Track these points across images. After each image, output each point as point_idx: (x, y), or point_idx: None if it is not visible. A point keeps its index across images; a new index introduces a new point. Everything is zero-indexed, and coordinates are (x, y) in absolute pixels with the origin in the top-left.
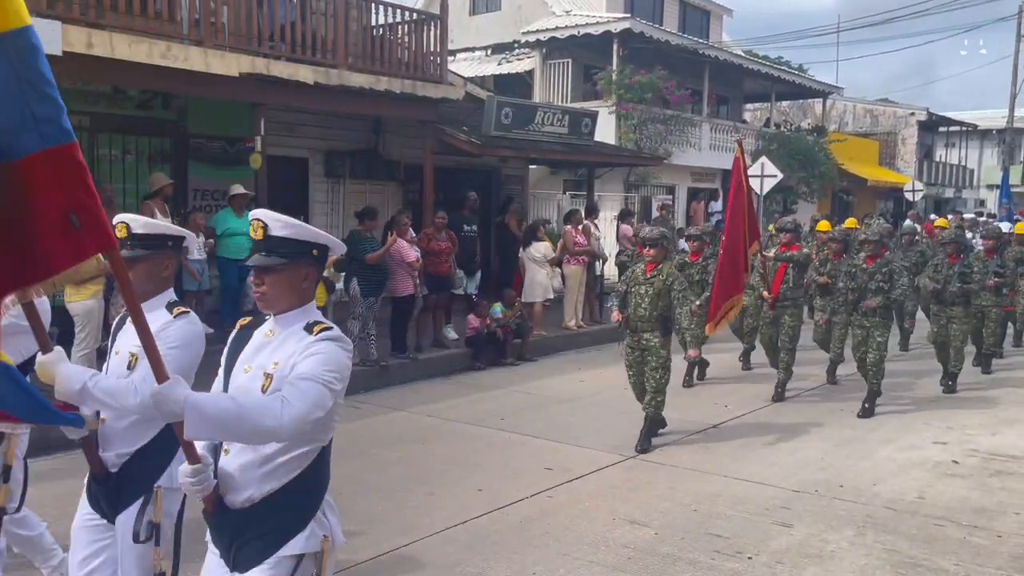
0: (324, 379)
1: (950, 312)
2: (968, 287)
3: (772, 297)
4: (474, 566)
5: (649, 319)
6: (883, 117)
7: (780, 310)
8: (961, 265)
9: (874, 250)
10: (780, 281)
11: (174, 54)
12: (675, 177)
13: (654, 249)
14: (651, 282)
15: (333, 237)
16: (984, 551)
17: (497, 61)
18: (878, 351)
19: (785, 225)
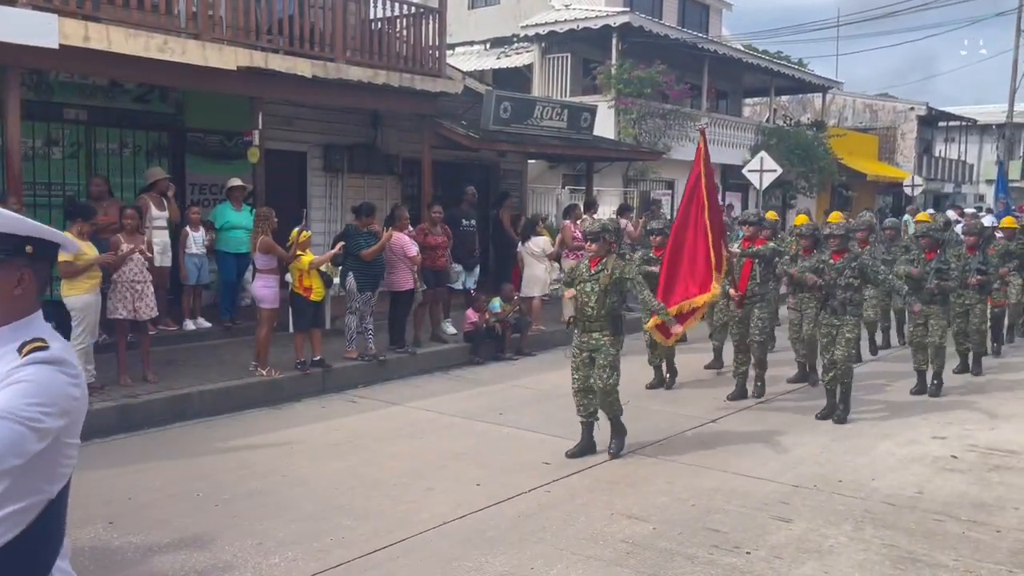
0: (23, 415)
1: (928, 310)
2: (945, 284)
3: (739, 295)
4: (472, 560)
5: (598, 318)
6: (882, 112)
7: (748, 307)
8: (938, 261)
9: (840, 245)
10: (747, 278)
11: (171, 47)
12: (674, 172)
13: (596, 243)
14: (596, 278)
15: (54, 230)
16: (983, 546)
17: (496, 55)
18: (847, 348)
19: (748, 218)
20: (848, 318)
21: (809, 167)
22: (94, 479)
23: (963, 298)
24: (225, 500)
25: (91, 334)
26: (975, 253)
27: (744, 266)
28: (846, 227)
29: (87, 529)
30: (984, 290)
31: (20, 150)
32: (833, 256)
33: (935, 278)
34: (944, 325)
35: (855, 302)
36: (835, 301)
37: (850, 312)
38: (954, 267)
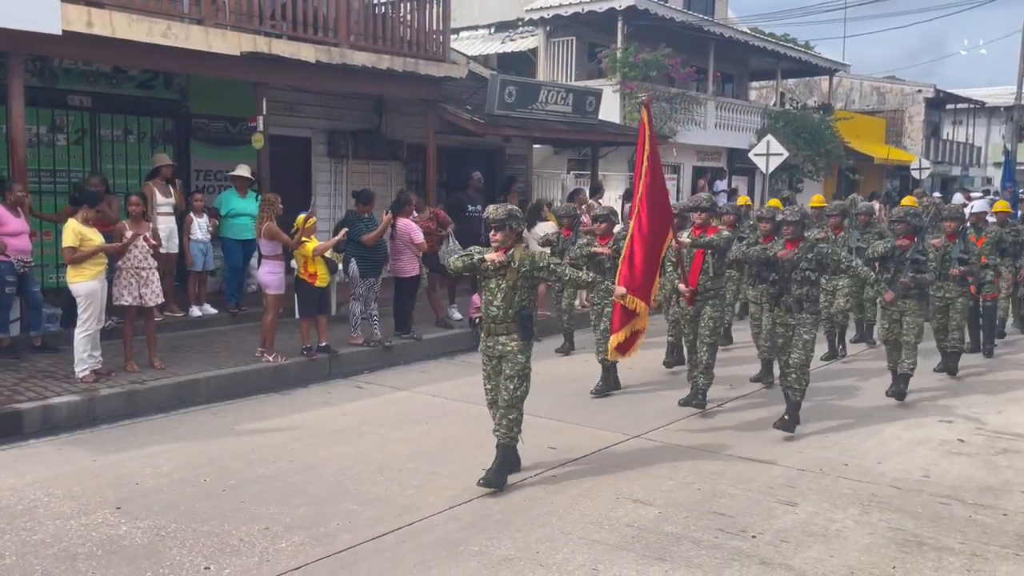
0: None
1: (902, 305)
2: (921, 277)
3: (690, 290)
4: (478, 544)
5: (504, 319)
6: (890, 94)
7: (700, 304)
8: (914, 251)
9: (795, 233)
10: (698, 271)
11: (174, 33)
12: (680, 156)
13: (500, 232)
14: (502, 273)
15: None
16: (990, 529)
17: (500, 39)
18: (804, 351)
19: (699, 203)
20: (805, 317)
21: (816, 151)
22: (102, 465)
23: (943, 291)
24: (232, 485)
25: (97, 320)
26: (955, 241)
27: (695, 258)
28: (801, 212)
29: (95, 514)
30: (966, 282)
31: (25, 137)
32: (787, 245)
33: (911, 269)
34: (920, 323)
35: (812, 298)
36: (789, 297)
37: (807, 309)
38: (932, 257)
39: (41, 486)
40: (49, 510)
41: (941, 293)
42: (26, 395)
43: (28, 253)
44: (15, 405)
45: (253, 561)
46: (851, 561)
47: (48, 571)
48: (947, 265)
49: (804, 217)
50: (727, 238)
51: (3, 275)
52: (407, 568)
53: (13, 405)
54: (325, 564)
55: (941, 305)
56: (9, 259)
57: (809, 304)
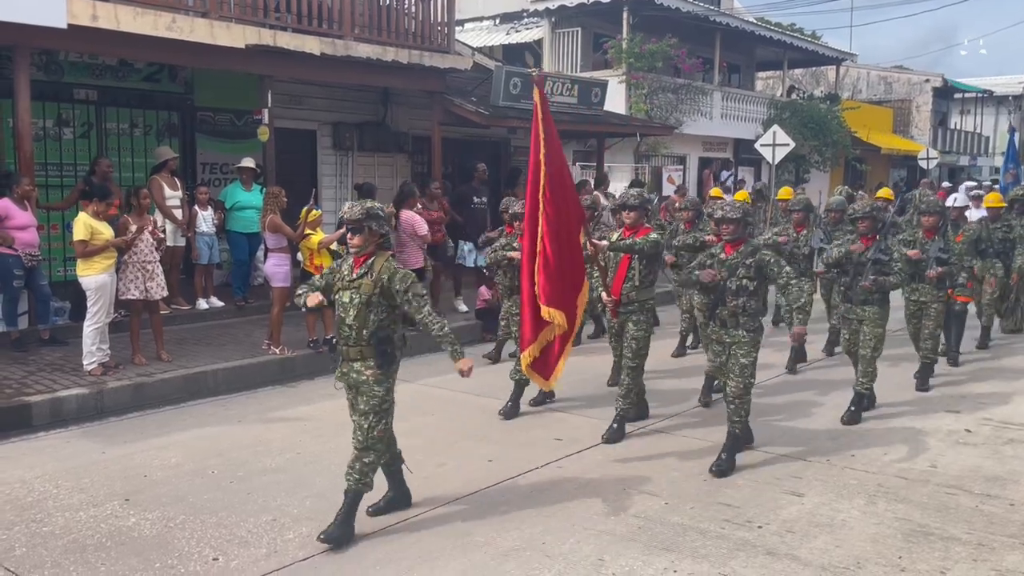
0: None
1: (861, 313)
2: (884, 280)
3: (612, 300)
4: (484, 536)
5: (357, 341)
6: (897, 84)
7: (624, 317)
8: (877, 250)
9: (735, 233)
10: (622, 279)
11: (179, 26)
12: (686, 147)
13: (358, 235)
14: (357, 286)
15: None
16: (997, 519)
17: (505, 30)
18: (741, 378)
19: (627, 200)
20: (741, 335)
21: (823, 141)
22: (110, 457)
23: (918, 293)
24: (240, 477)
25: (106, 313)
26: (934, 238)
27: (620, 264)
28: (743, 208)
29: (104, 506)
30: (944, 285)
31: (31, 131)
32: (725, 248)
33: (872, 271)
34: (879, 333)
35: (750, 311)
36: (724, 310)
37: (744, 325)
38: (896, 258)
39: (50, 478)
40: (58, 502)
41: (916, 296)
42: (35, 388)
43: (36, 246)
44: (24, 398)
45: (261, 552)
46: (857, 551)
47: (58, 562)
48: (923, 266)
49: (746, 215)
50: (654, 242)
51: (11, 268)
52: (413, 559)
53: (22, 398)
54: (332, 555)
55: (915, 309)
56: (17, 252)
57: (747, 319)
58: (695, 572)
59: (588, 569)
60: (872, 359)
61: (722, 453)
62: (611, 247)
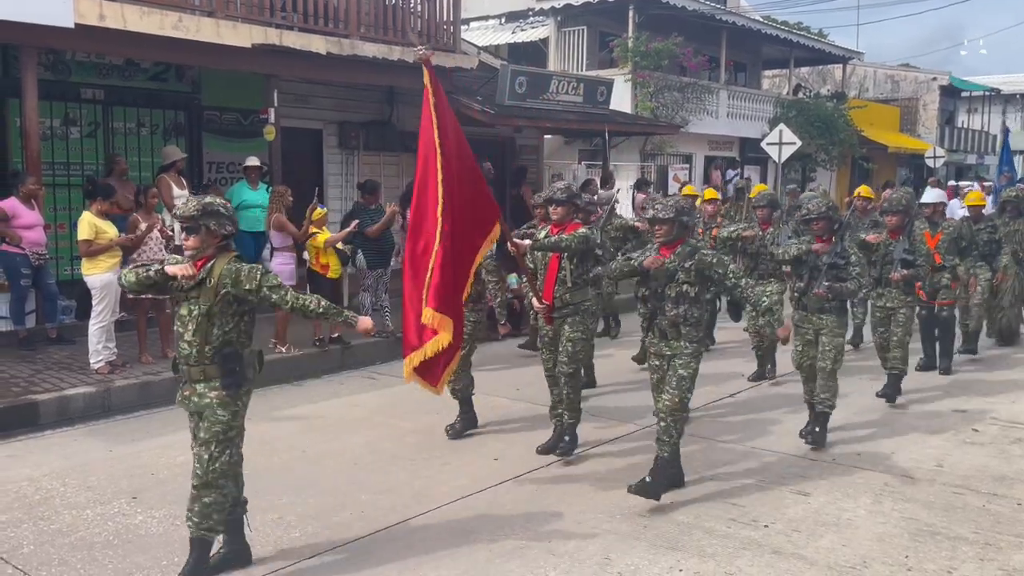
0: None
1: (818, 322)
2: (840, 286)
3: (544, 306)
4: (489, 534)
5: (199, 359)
6: (904, 82)
7: (558, 323)
8: (833, 254)
9: (669, 235)
10: (553, 281)
11: (186, 25)
12: (692, 145)
13: (195, 236)
14: (195, 295)
15: None
16: (1004, 519)
17: (511, 29)
18: (678, 391)
19: (553, 195)
20: (682, 346)
21: (829, 140)
22: (117, 455)
23: (884, 299)
24: (245, 475)
25: (111, 312)
26: (899, 238)
27: (549, 264)
28: (678, 207)
29: (111, 504)
30: (911, 288)
31: (38, 130)
32: (661, 251)
33: (826, 277)
34: (839, 344)
35: (691, 320)
36: (664, 319)
37: (686, 336)
38: (855, 261)
39: (57, 476)
40: (66, 500)
41: (882, 302)
42: (42, 386)
43: (43, 245)
44: (31, 396)
45: (267, 550)
46: (863, 551)
47: (65, 560)
48: (888, 268)
49: (681, 213)
50: (582, 238)
51: (18, 267)
52: (419, 557)
53: (29, 396)
54: (338, 553)
55: (882, 316)
56: (24, 251)
57: (689, 329)
58: (701, 571)
59: (593, 568)
60: (833, 372)
61: (648, 475)
62: (535, 246)
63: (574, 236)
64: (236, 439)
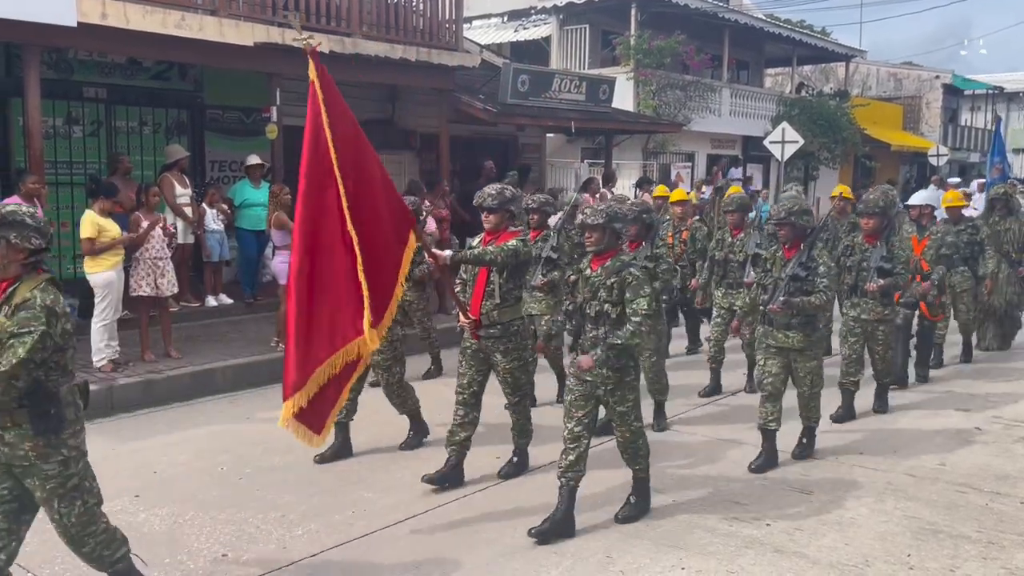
0: None
1: (782, 339)
2: (799, 301)
3: (472, 322)
4: (493, 531)
5: (3, 404)
6: (907, 81)
7: (489, 344)
8: (797, 263)
9: (599, 244)
10: (481, 295)
11: (188, 24)
12: (694, 144)
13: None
14: None
15: None
16: (1007, 518)
17: (513, 28)
18: (624, 426)
19: (483, 200)
20: (605, 373)
21: (832, 138)
22: (120, 453)
23: (858, 309)
24: (248, 474)
25: (114, 310)
26: (876, 243)
27: (478, 277)
28: (608, 212)
29: (114, 502)
30: (890, 299)
31: (41, 129)
32: (592, 263)
33: (784, 291)
34: (814, 367)
35: (622, 345)
36: (585, 340)
37: (608, 363)
38: (823, 271)
39: None
40: None
41: (855, 312)
42: None
43: None
44: None
45: (270, 548)
46: (865, 549)
47: (68, 558)
48: (864, 276)
49: (613, 220)
50: (510, 252)
51: None
52: (421, 555)
53: None
54: (340, 551)
55: (855, 328)
56: None
57: (617, 353)
58: (703, 569)
59: (596, 566)
60: (812, 397)
61: (631, 497)
62: (455, 259)
63: (501, 249)
64: (82, 485)
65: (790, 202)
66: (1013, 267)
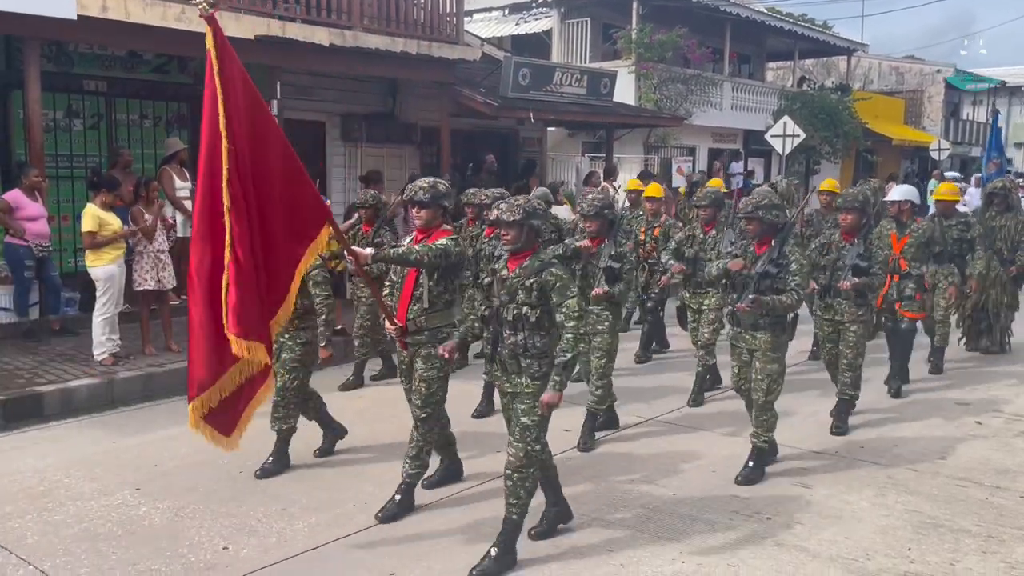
0: None
1: (751, 340)
2: (767, 299)
3: (398, 328)
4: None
5: None
6: (909, 74)
7: (414, 349)
8: (767, 260)
9: (515, 242)
10: (408, 298)
11: (188, 16)
12: (695, 138)
13: None
14: None
15: None
16: (1007, 511)
17: (514, 21)
18: (521, 442)
19: (415, 195)
20: (524, 383)
21: (833, 132)
22: (121, 446)
23: (832, 311)
24: (249, 467)
25: (115, 304)
26: (853, 241)
27: (406, 280)
28: (525, 208)
29: (115, 495)
30: (864, 300)
31: (41, 122)
32: (508, 263)
33: (753, 289)
34: (773, 371)
35: (535, 352)
36: (503, 349)
37: (528, 371)
38: (794, 269)
39: (62, 468)
40: (70, 491)
41: (830, 314)
42: (46, 378)
43: (47, 237)
44: (35, 388)
45: (271, 541)
46: (866, 543)
47: (69, 550)
48: (839, 275)
49: (530, 216)
50: (439, 251)
51: (22, 259)
52: (423, 550)
53: (33, 388)
54: (341, 545)
55: (831, 331)
56: (28, 243)
57: (530, 362)
58: (703, 563)
59: (595, 559)
60: (767, 405)
61: (491, 549)
62: (375, 257)
63: (429, 248)
64: None
65: (759, 196)
66: (1004, 265)
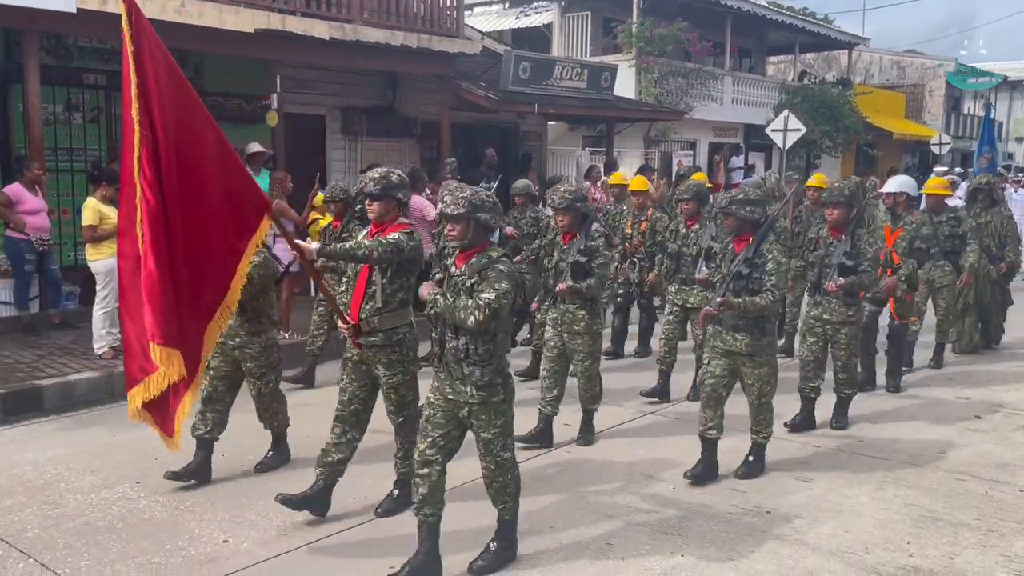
0: None
1: (731, 341)
2: (739, 301)
3: (350, 326)
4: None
5: None
6: (910, 69)
7: (370, 354)
8: (743, 260)
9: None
10: (361, 297)
11: (188, 10)
12: (696, 132)
13: None
14: None
15: None
16: (1006, 505)
17: (515, 15)
18: (489, 456)
19: (366, 187)
20: (469, 392)
21: (834, 126)
22: (121, 440)
23: (820, 308)
24: (249, 460)
25: (115, 297)
26: (841, 237)
27: (359, 277)
28: (470, 201)
29: (115, 489)
30: (855, 299)
31: (41, 115)
32: (457, 260)
33: (729, 289)
34: (763, 375)
35: (477, 359)
36: (447, 354)
37: (470, 379)
38: (771, 269)
39: (62, 461)
40: (70, 484)
41: (817, 312)
42: (46, 372)
43: (47, 231)
44: (35, 382)
45: (271, 535)
46: (865, 537)
47: (70, 544)
48: (827, 272)
49: (476, 209)
50: (390, 246)
51: (22, 253)
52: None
53: (33, 382)
54: (341, 538)
55: (816, 327)
56: (28, 237)
57: (473, 369)
58: (702, 556)
59: (595, 552)
60: (763, 407)
61: (491, 543)
62: (321, 252)
63: (380, 243)
64: None
65: (739, 190)
66: (993, 262)
